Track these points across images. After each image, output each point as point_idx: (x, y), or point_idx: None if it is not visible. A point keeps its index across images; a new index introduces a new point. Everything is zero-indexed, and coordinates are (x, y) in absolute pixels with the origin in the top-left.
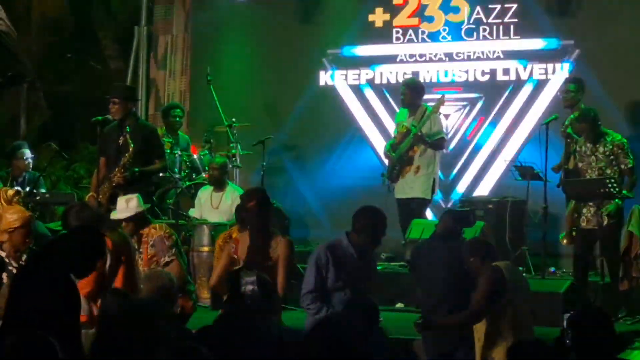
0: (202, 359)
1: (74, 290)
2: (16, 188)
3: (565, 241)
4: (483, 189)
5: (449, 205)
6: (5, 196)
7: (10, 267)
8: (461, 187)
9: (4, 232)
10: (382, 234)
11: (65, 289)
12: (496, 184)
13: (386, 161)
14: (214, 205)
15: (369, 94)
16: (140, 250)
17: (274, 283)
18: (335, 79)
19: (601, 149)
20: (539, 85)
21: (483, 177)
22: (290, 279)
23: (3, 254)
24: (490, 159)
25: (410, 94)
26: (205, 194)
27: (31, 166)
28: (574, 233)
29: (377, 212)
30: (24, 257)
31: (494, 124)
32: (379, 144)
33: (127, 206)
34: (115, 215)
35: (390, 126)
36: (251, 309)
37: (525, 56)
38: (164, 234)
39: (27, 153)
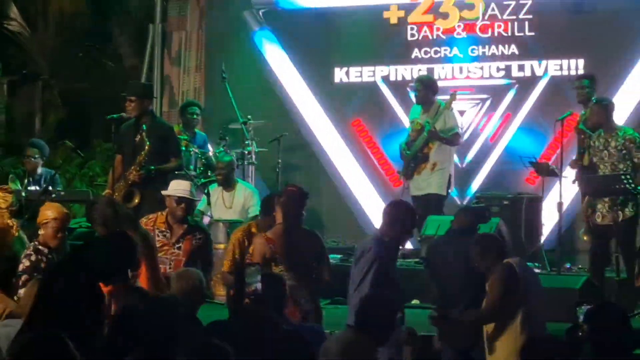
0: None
1: (99, 296)
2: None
3: (585, 237)
4: (496, 185)
5: (465, 202)
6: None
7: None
8: (476, 184)
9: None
10: (413, 226)
11: (91, 296)
12: (510, 180)
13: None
14: (227, 205)
15: (384, 90)
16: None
17: (316, 277)
18: (354, 76)
19: (613, 143)
20: (554, 82)
21: (497, 173)
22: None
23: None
24: (505, 155)
25: (424, 90)
26: (215, 193)
27: (40, 164)
28: (591, 226)
29: (406, 205)
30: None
31: (508, 120)
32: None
33: (182, 188)
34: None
35: (407, 122)
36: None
37: (540, 52)
38: None
39: (34, 151)
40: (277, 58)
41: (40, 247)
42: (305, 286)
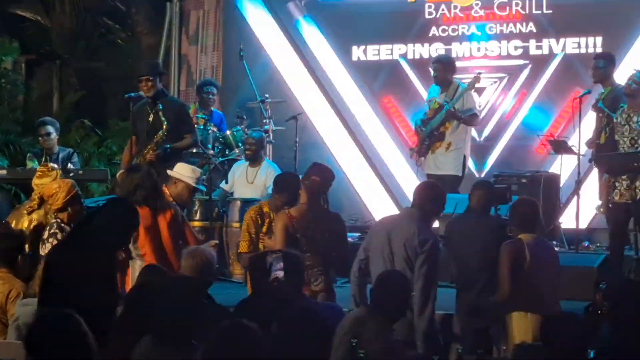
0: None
1: (112, 266)
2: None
3: (602, 210)
4: (515, 163)
5: (482, 175)
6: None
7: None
8: (491, 160)
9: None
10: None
11: (102, 266)
12: (528, 158)
13: None
14: (249, 180)
15: (405, 68)
16: None
17: (333, 255)
18: (368, 54)
19: (635, 118)
20: (571, 59)
21: (514, 151)
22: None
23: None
24: (522, 133)
25: (443, 70)
26: (240, 168)
27: (50, 143)
28: (610, 205)
29: (436, 186)
30: None
31: (525, 97)
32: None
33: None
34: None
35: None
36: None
37: (558, 30)
38: None
39: (48, 129)
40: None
41: (63, 224)
42: (321, 267)
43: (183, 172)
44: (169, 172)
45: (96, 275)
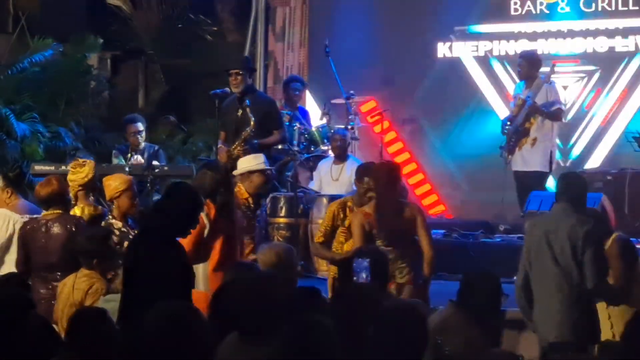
0: (328, 332)
1: (180, 255)
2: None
3: None
4: (598, 160)
5: (567, 165)
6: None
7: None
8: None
9: (111, 200)
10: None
11: (173, 253)
12: (611, 155)
13: None
14: (334, 177)
15: (495, 65)
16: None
17: (413, 246)
18: (458, 51)
19: None
20: None
21: (598, 148)
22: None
23: (116, 223)
24: (605, 130)
25: (527, 66)
26: (325, 166)
27: (141, 140)
28: None
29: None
30: None
31: (610, 94)
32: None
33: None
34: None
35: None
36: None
37: None
38: None
39: (136, 127)
40: None
41: (112, 221)
42: (404, 259)
43: (248, 164)
44: (234, 173)
45: (171, 262)
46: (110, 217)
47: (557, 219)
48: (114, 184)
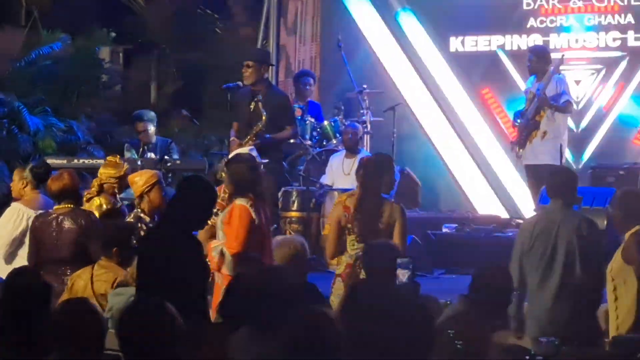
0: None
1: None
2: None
3: None
4: (611, 155)
5: (580, 167)
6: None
7: (147, 227)
8: (589, 152)
9: (141, 195)
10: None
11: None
12: (626, 150)
13: None
14: (345, 171)
15: (503, 58)
16: None
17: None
18: (466, 45)
19: None
20: None
21: (611, 143)
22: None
23: (145, 218)
24: (619, 125)
25: (537, 60)
26: (337, 160)
27: (149, 137)
28: None
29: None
30: None
31: (624, 89)
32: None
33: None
34: None
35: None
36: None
37: None
38: None
39: (143, 125)
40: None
41: (141, 215)
42: None
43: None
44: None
45: (185, 255)
46: (138, 210)
47: (554, 217)
48: (143, 178)
